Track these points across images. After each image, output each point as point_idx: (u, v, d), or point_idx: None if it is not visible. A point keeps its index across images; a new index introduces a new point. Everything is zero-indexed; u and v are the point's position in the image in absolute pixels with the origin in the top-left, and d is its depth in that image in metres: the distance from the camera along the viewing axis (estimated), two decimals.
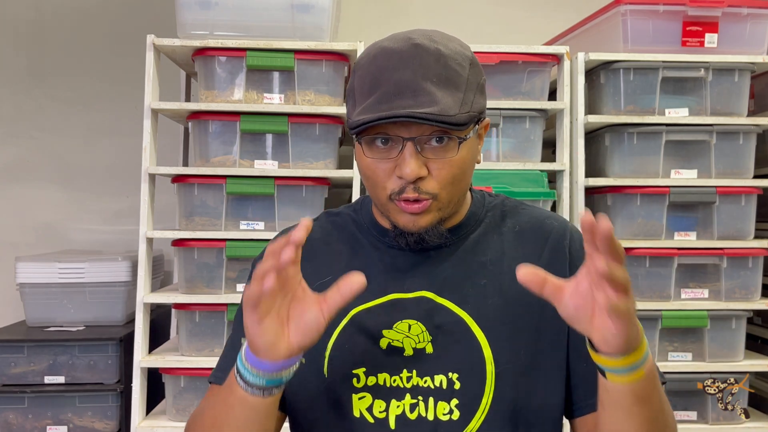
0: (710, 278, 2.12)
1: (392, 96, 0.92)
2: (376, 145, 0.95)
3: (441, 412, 0.96)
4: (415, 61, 0.93)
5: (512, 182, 2.07)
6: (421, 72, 0.92)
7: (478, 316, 0.99)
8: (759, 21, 2.15)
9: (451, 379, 0.97)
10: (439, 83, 0.93)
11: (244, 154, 2.09)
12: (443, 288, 1.01)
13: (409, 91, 0.92)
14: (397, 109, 0.91)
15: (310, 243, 1.06)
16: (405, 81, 0.92)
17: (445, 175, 0.96)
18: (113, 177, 2.77)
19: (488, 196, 1.11)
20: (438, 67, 0.93)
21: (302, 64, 2.08)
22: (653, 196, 2.09)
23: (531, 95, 2.17)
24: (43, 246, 2.72)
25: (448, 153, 0.95)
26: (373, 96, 0.93)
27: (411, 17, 2.84)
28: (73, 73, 2.78)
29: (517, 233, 1.06)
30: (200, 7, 2.06)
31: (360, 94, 0.96)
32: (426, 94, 0.91)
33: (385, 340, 0.99)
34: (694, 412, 2.12)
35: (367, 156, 0.96)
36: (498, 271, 1.02)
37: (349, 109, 0.99)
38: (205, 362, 2.02)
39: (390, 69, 0.93)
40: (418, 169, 0.93)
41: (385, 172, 0.96)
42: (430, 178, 0.95)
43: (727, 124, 2.10)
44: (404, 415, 0.97)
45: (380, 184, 0.97)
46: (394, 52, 0.94)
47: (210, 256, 2.05)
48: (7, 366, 2.13)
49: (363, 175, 1.00)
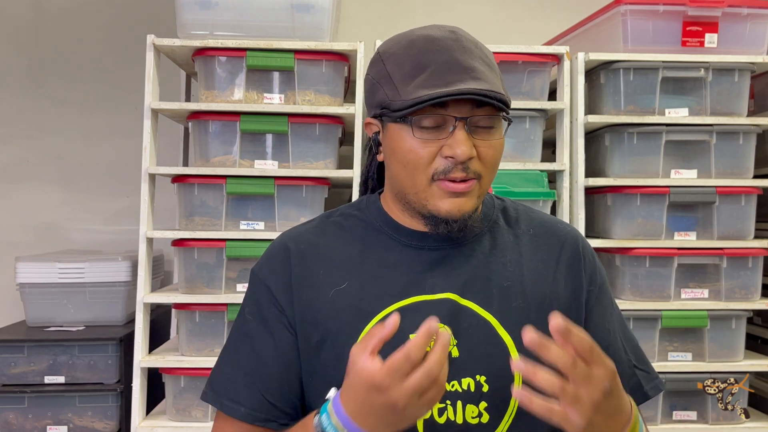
0: (710, 278, 2.12)
1: (445, 73, 0.91)
2: (424, 126, 0.93)
3: (469, 416, 0.95)
4: (458, 45, 0.93)
5: (512, 182, 2.07)
6: (468, 54, 0.93)
7: (503, 318, 0.98)
8: (759, 21, 2.15)
9: (479, 382, 0.95)
10: (485, 65, 0.94)
11: (244, 154, 2.09)
12: (466, 289, 0.99)
13: (461, 68, 0.91)
14: (455, 84, 0.89)
15: (315, 249, 1.03)
16: (455, 60, 0.91)
17: (491, 157, 0.95)
18: (113, 177, 2.77)
19: (496, 197, 1.11)
20: (479, 51, 0.95)
21: (302, 64, 2.08)
22: (653, 196, 2.09)
23: (531, 95, 2.17)
24: (43, 246, 2.72)
25: (495, 134, 0.96)
26: (422, 75, 0.91)
27: (411, 17, 2.84)
28: (73, 73, 2.78)
29: (532, 236, 1.06)
30: (200, 7, 2.06)
31: (401, 77, 0.93)
32: (478, 72, 0.91)
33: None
34: (694, 412, 2.12)
35: (416, 136, 0.93)
36: (519, 273, 1.01)
37: (386, 94, 0.95)
38: (205, 362, 2.02)
39: (434, 51, 0.92)
40: (470, 150, 0.92)
41: (431, 154, 0.93)
42: (476, 160, 0.94)
43: (727, 124, 2.10)
44: (432, 419, 0.95)
45: (422, 167, 0.94)
46: (433, 38, 0.94)
47: (210, 256, 2.05)
48: (7, 366, 2.13)
49: (402, 158, 0.95)
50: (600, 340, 1.02)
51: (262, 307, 1.02)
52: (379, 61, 0.98)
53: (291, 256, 1.02)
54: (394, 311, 0.97)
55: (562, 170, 2.13)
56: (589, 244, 1.10)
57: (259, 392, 0.99)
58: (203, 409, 2.04)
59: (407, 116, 0.92)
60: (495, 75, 0.95)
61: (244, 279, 2.06)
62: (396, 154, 0.96)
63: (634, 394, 1.03)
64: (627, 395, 0.90)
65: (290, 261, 1.02)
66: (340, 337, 0.97)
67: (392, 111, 0.93)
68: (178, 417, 2.04)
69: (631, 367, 1.05)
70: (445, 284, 0.99)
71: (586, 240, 1.09)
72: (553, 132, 2.22)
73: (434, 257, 1.00)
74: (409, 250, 1.01)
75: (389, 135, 0.97)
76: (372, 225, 1.04)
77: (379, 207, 1.06)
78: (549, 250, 1.05)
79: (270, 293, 1.02)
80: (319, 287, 1.00)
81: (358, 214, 1.07)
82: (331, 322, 0.98)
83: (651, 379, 1.06)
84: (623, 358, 1.04)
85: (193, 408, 2.04)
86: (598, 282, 1.06)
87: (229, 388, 1.01)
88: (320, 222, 1.08)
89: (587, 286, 1.04)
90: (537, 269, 1.02)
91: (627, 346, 1.06)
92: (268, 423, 1.00)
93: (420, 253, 1.01)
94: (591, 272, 1.05)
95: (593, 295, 1.04)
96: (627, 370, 1.04)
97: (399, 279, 0.99)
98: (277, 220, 2.07)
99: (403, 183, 0.97)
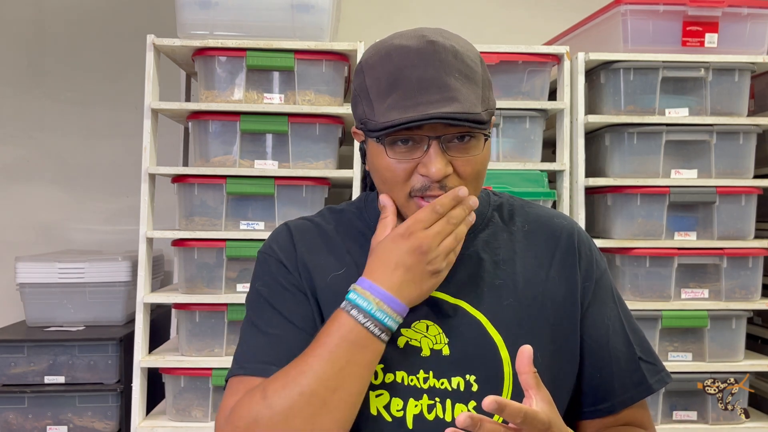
0: (710, 278, 2.12)
1: (416, 93, 0.89)
2: (398, 145, 0.93)
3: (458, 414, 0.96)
4: (434, 58, 0.91)
5: (512, 182, 2.07)
6: (443, 68, 0.90)
7: (494, 318, 0.98)
8: (759, 21, 2.15)
9: (469, 381, 0.95)
10: (461, 79, 0.91)
11: (244, 154, 2.09)
12: (457, 289, 0.99)
13: (434, 88, 0.89)
14: (424, 105, 0.88)
15: (317, 235, 1.05)
16: (428, 78, 0.90)
17: (470, 172, 0.94)
18: (113, 177, 2.77)
19: (492, 194, 1.10)
20: (457, 63, 0.92)
21: (302, 64, 2.08)
22: (653, 196, 2.09)
23: (531, 95, 2.17)
24: (43, 246, 2.72)
25: (472, 150, 0.94)
26: (394, 94, 0.90)
27: (411, 17, 2.84)
28: (74, 72, 2.78)
29: (527, 232, 1.05)
30: (200, 7, 2.06)
31: (377, 93, 0.93)
32: (451, 90, 0.89)
33: (403, 339, 0.96)
34: (694, 412, 2.12)
35: (390, 157, 0.93)
36: (511, 271, 1.01)
37: (364, 110, 0.95)
38: (205, 362, 2.02)
39: (409, 66, 0.90)
40: (444, 168, 0.91)
41: (406, 171, 0.93)
42: (454, 176, 0.94)
43: (727, 124, 2.10)
44: (422, 416, 0.95)
45: (399, 185, 0.95)
46: (410, 50, 0.91)
47: (210, 256, 2.05)
48: (7, 366, 2.13)
49: (380, 175, 0.97)
50: (598, 337, 1.02)
51: (277, 278, 1.01)
52: (361, 72, 0.97)
53: (294, 238, 1.04)
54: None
55: (562, 170, 2.13)
56: (587, 236, 1.08)
57: (291, 353, 0.93)
58: (203, 409, 2.04)
59: (381, 137, 0.93)
60: (473, 87, 0.92)
61: (245, 279, 2.06)
62: (375, 170, 0.97)
63: (637, 388, 1.03)
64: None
65: (294, 241, 1.04)
66: None
67: (368, 131, 0.94)
68: (178, 417, 2.04)
69: (635, 360, 1.04)
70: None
71: (583, 232, 1.08)
72: (553, 132, 2.22)
73: None
74: None
75: (369, 149, 0.98)
76: (370, 223, 1.05)
77: (375, 206, 1.06)
78: (544, 246, 1.04)
79: (282, 265, 1.02)
80: (320, 271, 1.01)
81: (358, 212, 1.09)
82: (327, 307, 0.98)
83: (656, 371, 1.05)
84: (626, 351, 1.03)
85: (193, 408, 2.04)
86: (595, 276, 1.05)
87: (256, 355, 0.97)
88: (322, 215, 1.10)
89: (582, 282, 1.03)
90: (531, 267, 1.02)
91: (633, 338, 1.05)
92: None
93: None
94: (586, 267, 1.04)
95: (589, 290, 1.03)
96: (630, 364, 1.03)
97: None
98: (277, 220, 2.07)
99: (387, 193, 0.99)
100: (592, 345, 1.02)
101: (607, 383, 1.03)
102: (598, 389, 1.02)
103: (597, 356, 1.02)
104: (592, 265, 1.05)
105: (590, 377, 1.02)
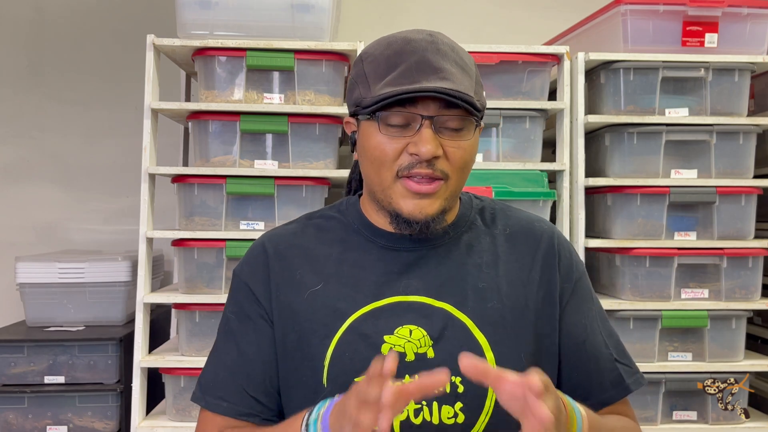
0: (710, 278, 2.12)
1: (414, 72, 0.92)
2: (390, 123, 0.94)
3: (445, 416, 0.96)
4: (433, 47, 0.94)
5: (512, 182, 2.07)
6: (441, 55, 0.94)
7: (478, 319, 0.99)
8: (759, 21, 2.15)
9: (455, 383, 0.96)
10: (457, 68, 0.94)
11: (244, 154, 2.09)
12: (441, 291, 1.00)
13: (431, 69, 0.92)
14: (421, 83, 0.90)
15: (293, 250, 1.05)
16: (426, 60, 0.93)
17: (459, 158, 0.95)
18: (113, 177, 2.77)
19: (474, 198, 1.11)
20: (454, 54, 0.96)
21: (302, 64, 2.08)
22: (653, 196, 2.09)
23: (531, 95, 2.17)
24: (43, 246, 2.72)
25: (464, 136, 0.95)
26: (393, 73, 0.93)
27: (411, 17, 2.84)
28: (74, 72, 2.78)
29: (509, 236, 1.06)
30: (200, 7, 2.06)
31: (374, 75, 0.95)
32: (448, 73, 0.93)
33: (387, 346, 0.97)
34: (694, 412, 2.11)
35: (382, 133, 0.94)
36: (494, 274, 1.02)
37: (360, 92, 0.98)
38: (204, 362, 2.01)
39: (408, 52, 0.94)
40: (435, 148, 0.92)
41: (396, 150, 0.94)
42: (444, 159, 0.94)
43: (727, 124, 2.10)
44: (409, 421, 0.95)
45: (388, 163, 0.95)
46: (410, 39, 0.95)
47: (210, 256, 2.05)
48: (7, 366, 2.13)
49: (369, 155, 0.97)
50: (576, 335, 1.04)
51: (243, 306, 1.04)
52: (359, 62, 1.00)
53: (269, 258, 1.05)
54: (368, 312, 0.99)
55: (562, 170, 2.13)
56: (566, 240, 1.10)
57: (241, 387, 1.01)
58: None
59: (375, 112, 0.94)
60: (468, 78, 0.95)
61: None
62: (365, 151, 0.98)
63: (615, 387, 1.05)
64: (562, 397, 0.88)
65: (268, 262, 1.04)
66: (315, 337, 0.99)
67: (363, 108, 0.96)
68: (178, 417, 2.04)
69: (612, 361, 1.06)
70: (420, 285, 1.00)
71: (563, 236, 1.10)
72: (553, 132, 2.22)
73: (410, 259, 1.02)
74: (386, 251, 1.02)
75: (361, 132, 0.99)
76: (351, 227, 1.06)
77: (358, 209, 1.07)
78: (525, 249, 1.05)
79: (250, 292, 1.04)
80: (297, 288, 1.02)
81: (338, 216, 1.08)
82: (308, 323, 0.99)
83: (632, 373, 1.07)
84: (602, 352, 1.05)
85: (193, 408, 2.04)
86: (574, 278, 1.06)
87: (213, 386, 1.04)
88: (300, 223, 1.10)
89: (561, 283, 1.05)
90: (513, 269, 1.03)
91: (608, 341, 1.07)
92: (250, 417, 1.02)
93: (396, 255, 1.02)
94: (566, 269, 1.06)
95: (567, 291, 1.05)
96: (607, 364, 1.05)
97: (375, 280, 1.01)
98: (277, 220, 2.07)
99: (372, 180, 0.99)
100: (569, 344, 1.04)
101: (585, 382, 1.04)
102: (577, 388, 1.03)
103: (575, 356, 1.04)
104: (572, 267, 1.07)
105: (568, 377, 1.04)
